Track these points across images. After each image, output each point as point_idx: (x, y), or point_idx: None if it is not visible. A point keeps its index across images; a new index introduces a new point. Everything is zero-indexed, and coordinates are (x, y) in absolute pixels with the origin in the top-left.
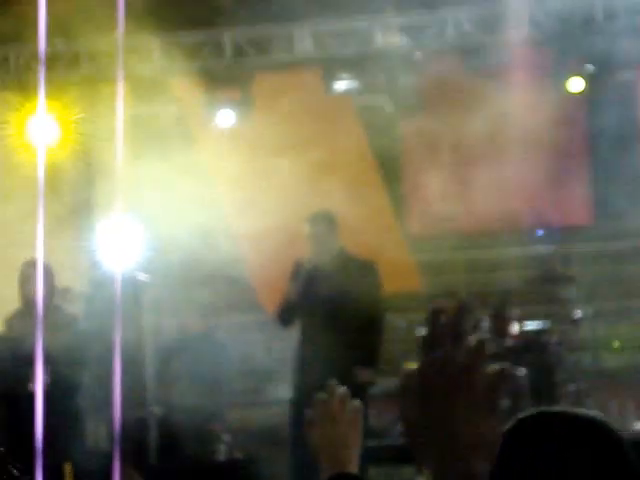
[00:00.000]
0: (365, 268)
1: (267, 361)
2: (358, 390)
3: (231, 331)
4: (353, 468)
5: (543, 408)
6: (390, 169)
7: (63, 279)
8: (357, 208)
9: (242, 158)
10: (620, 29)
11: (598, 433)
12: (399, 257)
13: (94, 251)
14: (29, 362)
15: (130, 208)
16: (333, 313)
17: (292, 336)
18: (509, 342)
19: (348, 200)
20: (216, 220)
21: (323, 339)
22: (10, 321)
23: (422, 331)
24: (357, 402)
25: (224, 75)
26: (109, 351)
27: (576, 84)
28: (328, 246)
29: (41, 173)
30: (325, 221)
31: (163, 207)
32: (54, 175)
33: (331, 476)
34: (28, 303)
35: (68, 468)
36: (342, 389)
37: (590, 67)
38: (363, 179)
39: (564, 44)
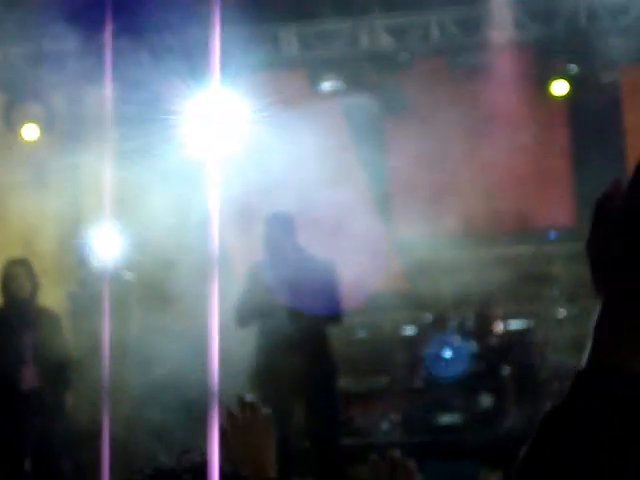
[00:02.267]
0: (322, 266)
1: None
2: (322, 387)
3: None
4: (272, 472)
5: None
6: (376, 170)
7: (51, 278)
8: (343, 208)
9: (242, 157)
10: (604, 30)
11: None
12: (385, 257)
13: (81, 249)
14: (18, 362)
15: (117, 207)
16: (292, 312)
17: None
18: (493, 341)
19: (333, 201)
20: (200, 221)
21: (283, 338)
22: None
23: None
24: (267, 410)
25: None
26: (96, 350)
27: (560, 86)
28: (284, 246)
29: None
30: (280, 221)
31: (149, 207)
32: (40, 175)
33: None
34: (12, 302)
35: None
36: (251, 398)
37: (574, 68)
38: (348, 180)
39: (547, 45)
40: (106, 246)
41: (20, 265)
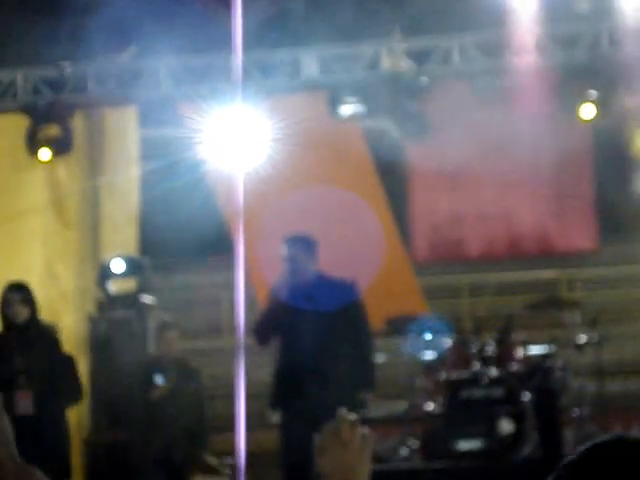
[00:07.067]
0: (345, 289)
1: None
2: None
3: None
4: None
5: (619, 434)
6: (396, 194)
7: (70, 301)
8: (364, 232)
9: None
10: (625, 54)
11: None
12: (405, 281)
13: (101, 273)
14: (11, 387)
15: (135, 229)
16: (314, 333)
17: None
18: (513, 367)
19: (355, 224)
20: (221, 241)
21: (303, 360)
22: None
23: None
24: (367, 429)
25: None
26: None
27: (587, 110)
28: (305, 268)
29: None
30: (302, 243)
31: (167, 228)
32: (60, 196)
33: None
34: (10, 326)
35: None
36: (352, 416)
37: (595, 93)
38: (369, 203)
39: (569, 70)
40: (127, 269)
41: (16, 290)
